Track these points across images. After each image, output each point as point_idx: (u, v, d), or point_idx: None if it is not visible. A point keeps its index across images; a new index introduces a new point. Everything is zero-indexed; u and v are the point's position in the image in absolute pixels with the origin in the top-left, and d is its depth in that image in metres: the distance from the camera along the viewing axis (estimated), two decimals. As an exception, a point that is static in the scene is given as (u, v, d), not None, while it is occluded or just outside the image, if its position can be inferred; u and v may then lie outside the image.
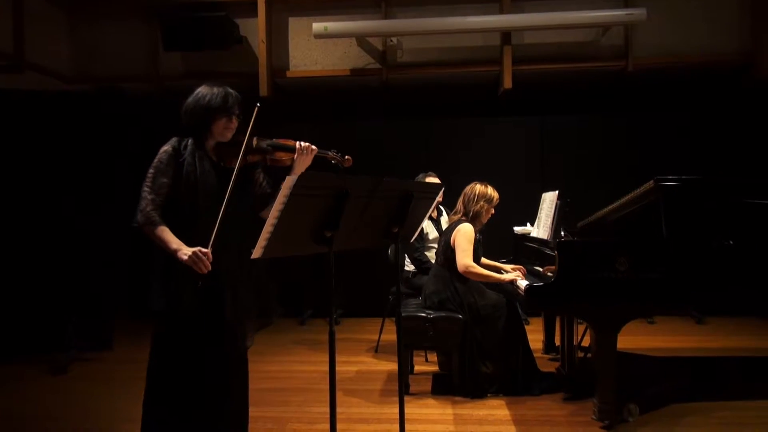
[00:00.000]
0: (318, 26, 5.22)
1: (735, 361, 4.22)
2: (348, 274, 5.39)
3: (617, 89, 6.08)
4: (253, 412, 3.24)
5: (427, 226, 4.57)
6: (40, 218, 4.83)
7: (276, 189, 2.33)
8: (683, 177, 3.06)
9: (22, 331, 4.71)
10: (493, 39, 5.46)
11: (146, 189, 2.13)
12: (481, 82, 5.88)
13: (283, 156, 2.29)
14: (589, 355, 3.73)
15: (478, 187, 3.70)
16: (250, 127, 2.20)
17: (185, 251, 2.05)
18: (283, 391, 3.69)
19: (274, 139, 2.31)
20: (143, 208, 2.11)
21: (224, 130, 2.25)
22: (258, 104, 2.25)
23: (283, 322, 5.88)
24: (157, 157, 2.18)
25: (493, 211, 3.74)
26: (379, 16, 5.49)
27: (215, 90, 2.26)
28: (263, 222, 2.30)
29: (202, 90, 2.27)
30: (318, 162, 2.34)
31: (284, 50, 5.66)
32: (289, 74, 5.62)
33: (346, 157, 2.41)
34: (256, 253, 1.78)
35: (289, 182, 1.71)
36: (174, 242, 2.08)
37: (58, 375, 4.16)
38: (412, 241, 2.55)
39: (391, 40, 5.53)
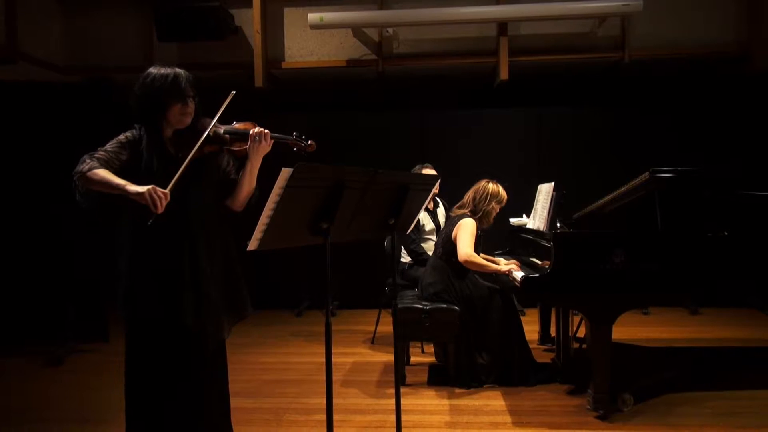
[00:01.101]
0: (314, 17, 5.19)
1: (728, 352, 4.25)
2: (344, 266, 5.40)
3: (614, 80, 6.08)
4: (250, 403, 3.27)
5: (424, 217, 4.57)
6: (35, 210, 4.82)
7: (238, 175, 2.21)
8: (678, 168, 3.07)
9: (18, 323, 4.71)
10: (490, 30, 5.44)
11: (94, 153, 1.96)
12: (477, 73, 5.87)
13: (242, 146, 2.12)
14: (584, 345, 3.76)
15: (491, 187, 3.69)
16: (215, 118, 2.06)
17: (137, 186, 1.88)
18: (280, 383, 3.70)
19: (234, 123, 2.16)
20: (85, 160, 1.94)
21: (181, 116, 2.06)
22: (233, 92, 2.11)
23: (279, 314, 5.89)
24: (115, 139, 2.04)
25: (498, 210, 3.75)
26: (375, 7, 5.46)
27: (163, 71, 2.06)
28: (230, 212, 2.25)
29: (151, 72, 2.08)
30: (279, 148, 2.19)
31: (280, 41, 5.63)
32: (284, 65, 5.59)
33: (309, 142, 2.23)
34: (252, 245, 1.77)
35: (285, 174, 1.70)
36: (119, 179, 1.90)
37: (54, 366, 4.16)
38: (408, 232, 2.55)
39: (387, 31, 5.50)
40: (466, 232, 3.58)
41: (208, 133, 2.06)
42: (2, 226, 4.77)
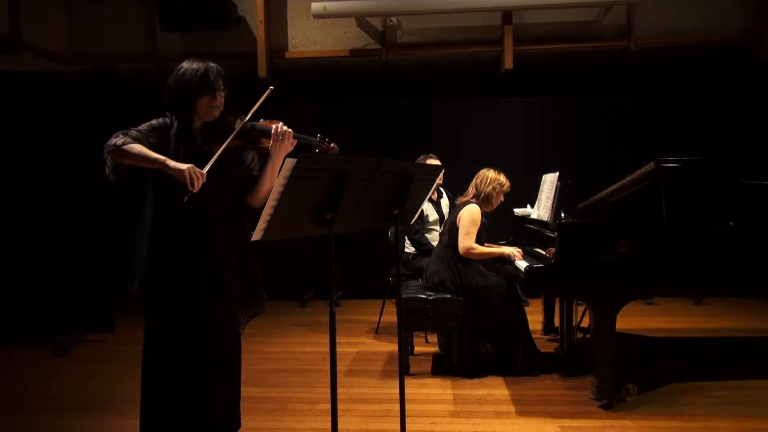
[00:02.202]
0: (317, 6, 5.16)
1: (732, 342, 4.25)
2: (348, 256, 5.41)
3: (619, 69, 6.03)
4: (255, 392, 3.29)
5: (428, 208, 4.57)
6: (41, 200, 4.84)
7: (261, 172, 2.25)
8: (684, 158, 3.05)
9: (25, 313, 4.74)
10: (494, 19, 5.41)
11: (127, 131, 2.00)
12: (481, 62, 5.83)
13: (267, 143, 2.15)
14: (587, 335, 3.76)
15: (491, 173, 3.71)
16: (249, 114, 2.09)
17: (177, 163, 1.94)
18: (285, 372, 3.72)
19: (261, 120, 2.18)
20: (118, 135, 1.97)
21: (209, 108, 2.11)
22: (271, 87, 2.14)
23: (284, 304, 5.91)
24: (147, 122, 2.08)
25: (502, 198, 3.75)
26: (378, -4, 5.42)
27: (195, 65, 2.11)
28: (249, 208, 2.26)
29: (183, 66, 2.13)
30: (301, 149, 2.16)
31: (283, 30, 5.60)
32: (288, 55, 5.57)
33: (332, 144, 2.24)
34: (256, 235, 1.77)
35: (289, 164, 1.70)
36: (158, 154, 1.96)
37: (60, 356, 4.19)
38: (412, 223, 2.55)
39: (391, 20, 5.47)
40: (467, 219, 3.59)
41: (239, 128, 2.09)
42: (7, 216, 4.79)
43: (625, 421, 2.81)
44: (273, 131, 2.13)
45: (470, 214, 3.61)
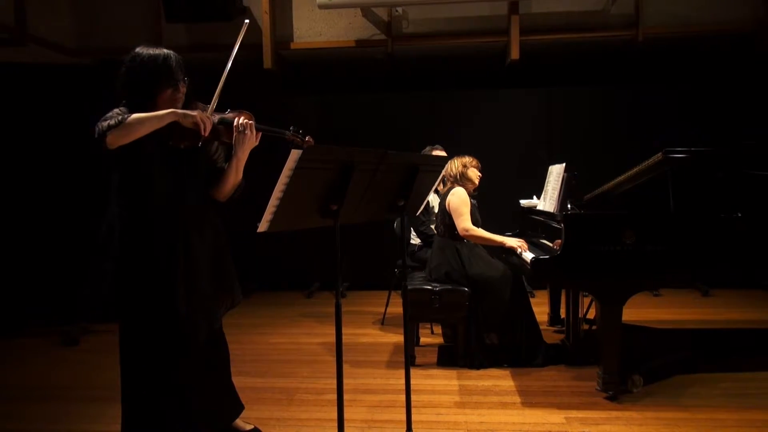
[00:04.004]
0: (322, -4, 5.14)
1: (739, 333, 4.23)
2: (354, 248, 5.41)
3: (627, 59, 5.98)
4: (261, 383, 3.31)
5: (433, 199, 4.56)
6: (47, 191, 4.86)
7: (226, 165, 2.18)
8: (692, 149, 3.02)
9: (33, 304, 4.78)
10: (501, 8, 5.37)
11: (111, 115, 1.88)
12: (488, 52, 5.80)
13: (230, 136, 2.07)
14: (594, 327, 3.75)
15: (455, 158, 3.80)
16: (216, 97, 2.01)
17: (186, 110, 1.90)
18: (291, 363, 3.74)
19: (229, 111, 2.09)
20: (106, 118, 1.88)
21: (172, 102, 2.00)
22: (246, 21, 2.05)
23: (290, 295, 5.93)
24: (113, 110, 1.93)
25: (479, 174, 3.80)
26: (384, -14, 5.39)
27: (152, 52, 1.99)
28: (214, 201, 2.20)
29: (139, 53, 2.00)
30: (277, 142, 2.14)
31: (288, 21, 5.58)
32: (293, 46, 5.55)
33: (307, 138, 2.17)
34: (262, 227, 1.77)
35: (294, 155, 1.69)
36: (160, 110, 1.90)
37: (68, 346, 4.23)
38: (417, 214, 2.55)
39: (397, 11, 5.43)
40: (457, 201, 3.62)
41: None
42: (15, 208, 4.82)
43: (630, 413, 2.81)
44: (234, 124, 2.04)
45: (458, 197, 3.63)
